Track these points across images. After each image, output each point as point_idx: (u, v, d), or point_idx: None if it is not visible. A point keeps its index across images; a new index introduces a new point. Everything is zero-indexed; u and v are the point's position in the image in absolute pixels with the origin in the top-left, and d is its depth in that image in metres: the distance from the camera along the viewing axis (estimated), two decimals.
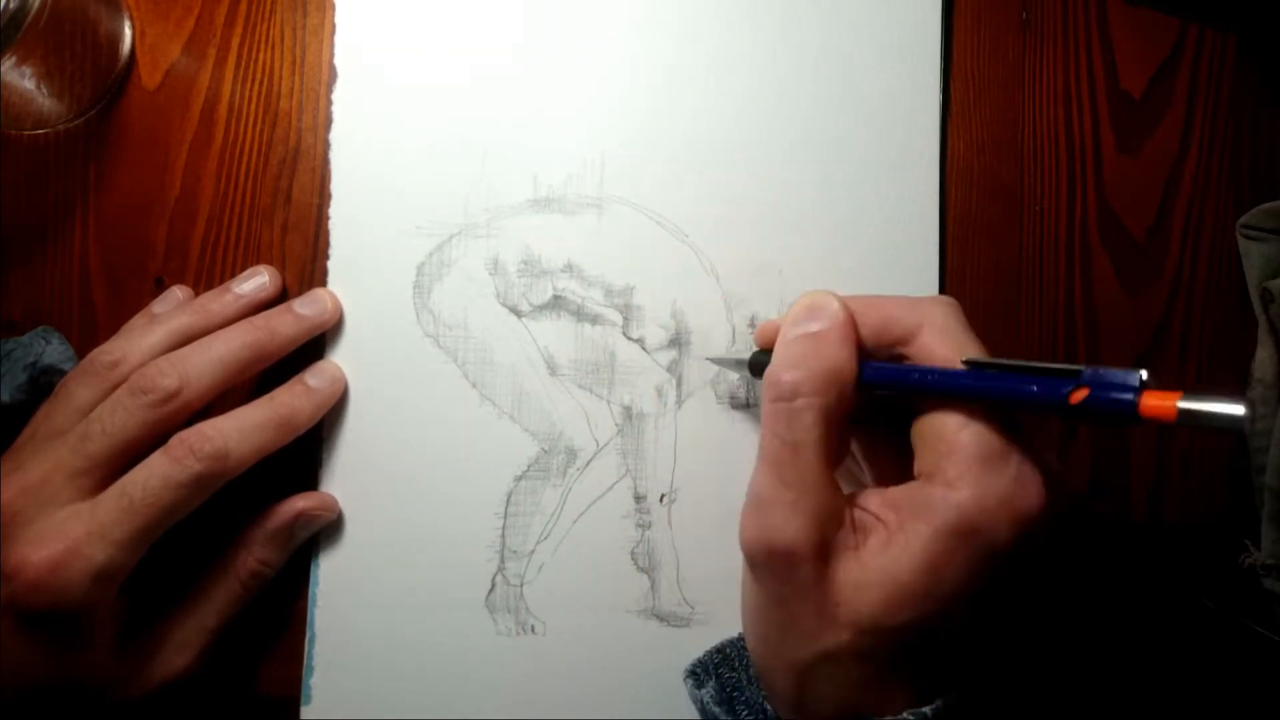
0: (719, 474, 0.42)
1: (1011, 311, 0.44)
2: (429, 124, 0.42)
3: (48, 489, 0.34)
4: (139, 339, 0.38)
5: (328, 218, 0.41)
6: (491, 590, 0.41)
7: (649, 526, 0.42)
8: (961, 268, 0.44)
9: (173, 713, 0.38)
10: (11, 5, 0.35)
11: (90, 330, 0.41)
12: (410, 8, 0.42)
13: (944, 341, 0.31)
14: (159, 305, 0.40)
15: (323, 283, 0.41)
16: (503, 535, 0.41)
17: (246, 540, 0.39)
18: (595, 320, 0.42)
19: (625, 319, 0.42)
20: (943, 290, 0.43)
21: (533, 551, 0.41)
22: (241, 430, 0.36)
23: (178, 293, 0.41)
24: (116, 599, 0.35)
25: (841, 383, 0.31)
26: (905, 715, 0.30)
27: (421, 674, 0.41)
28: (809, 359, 0.32)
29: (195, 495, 0.35)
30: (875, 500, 0.31)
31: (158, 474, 0.34)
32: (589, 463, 0.42)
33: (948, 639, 0.31)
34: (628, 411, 0.42)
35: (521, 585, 0.41)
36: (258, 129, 0.42)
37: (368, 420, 0.41)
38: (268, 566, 0.39)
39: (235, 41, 0.42)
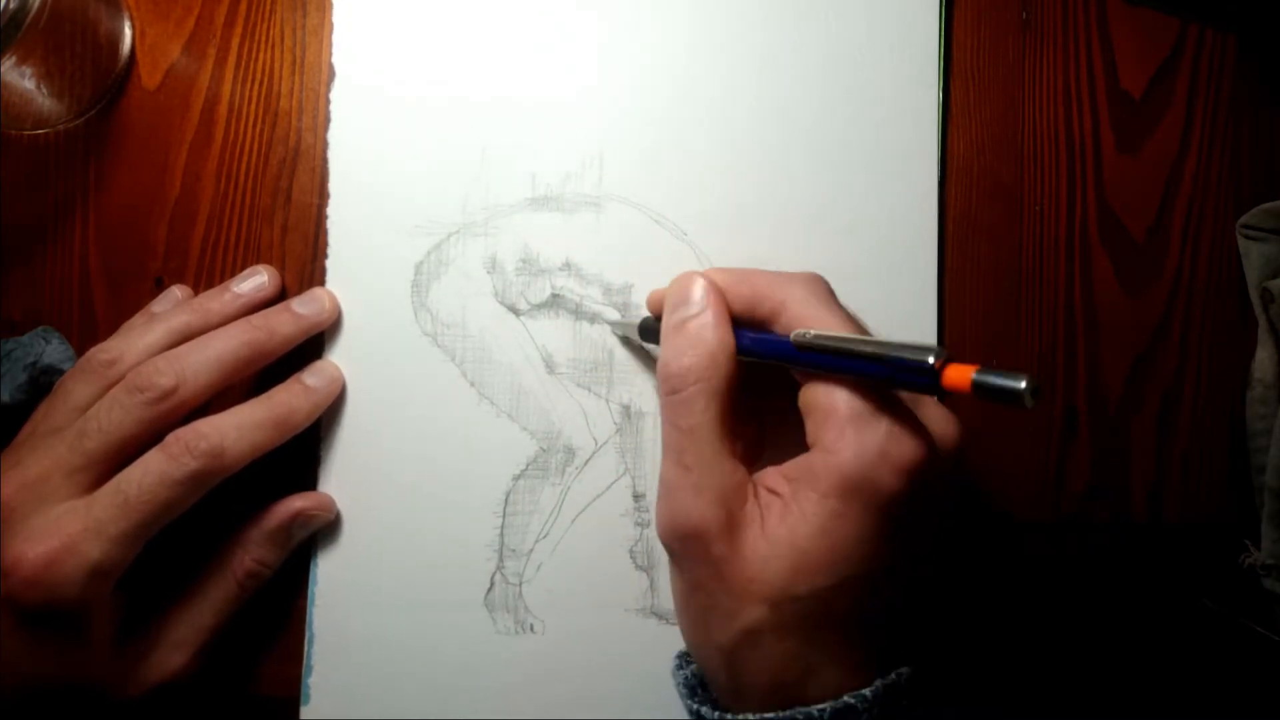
0: None
1: (1011, 311, 0.44)
2: (427, 123, 0.42)
3: (45, 486, 0.34)
4: (137, 338, 0.38)
5: (326, 217, 0.41)
6: (490, 589, 0.41)
7: (648, 525, 0.42)
8: (961, 268, 0.44)
9: (172, 713, 0.38)
10: (11, 5, 0.35)
11: (90, 330, 0.41)
12: (408, 7, 0.42)
13: (805, 316, 0.32)
14: (158, 305, 0.40)
15: (322, 282, 0.41)
16: (501, 534, 0.41)
17: (243, 540, 0.39)
18: (594, 319, 0.42)
19: (624, 317, 0.42)
20: (942, 290, 0.43)
21: (531, 550, 0.41)
22: (239, 428, 0.36)
23: (177, 292, 0.41)
24: (113, 596, 0.35)
25: (723, 360, 0.32)
26: (846, 698, 0.30)
27: (420, 673, 0.41)
28: (689, 346, 0.33)
29: (191, 493, 0.35)
30: (773, 475, 0.32)
31: (154, 471, 0.34)
32: (588, 461, 0.42)
33: (878, 611, 0.31)
34: (626, 410, 0.42)
35: (520, 584, 0.41)
36: (258, 129, 0.42)
37: (366, 419, 0.41)
38: (265, 566, 0.39)
39: (235, 41, 0.42)
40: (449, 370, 0.41)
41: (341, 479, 0.41)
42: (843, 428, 0.30)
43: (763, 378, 0.34)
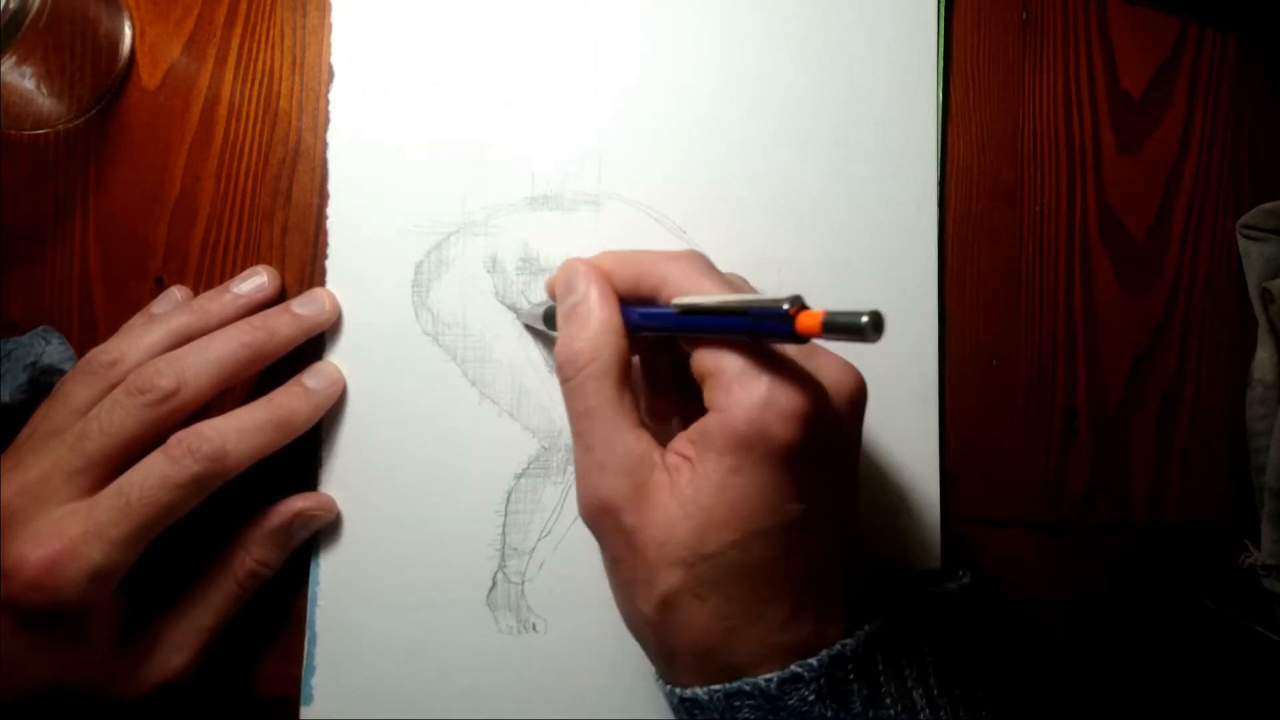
0: None
1: (1011, 311, 0.44)
2: (426, 123, 0.42)
3: (46, 488, 0.34)
4: (137, 339, 0.38)
5: (326, 217, 0.41)
6: (492, 588, 0.41)
7: None
8: (961, 268, 0.44)
9: (172, 713, 0.38)
10: (11, 5, 0.35)
11: (90, 330, 0.41)
12: (407, 7, 0.42)
13: (684, 286, 0.33)
14: (158, 305, 0.40)
15: (322, 282, 0.41)
16: (503, 533, 0.41)
17: (244, 540, 0.39)
18: None
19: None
20: (942, 290, 0.43)
21: (534, 549, 0.41)
22: (240, 431, 0.36)
23: (177, 293, 0.41)
24: (114, 598, 0.35)
25: (609, 340, 0.33)
26: (793, 667, 0.30)
27: (422, 673, 0.41)
28: (577, 333, 0.33)
29: (193, 495, 0.35)
30: (680, 441, 0.32)
31: (155, 474, 0.34)
32: None
33: (797, 564, 0.31)
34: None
35: (523, 583, 0.41)
36: (258, 129, 0.42)
37: (367, 419, 0.41)
38: (265, 566, 0.39)
39: (235, 41, 0.42)
40: (450, 370, 0.41)
41: (343, 479, 0.41)
42: (729, 386, 0.30)
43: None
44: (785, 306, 0.27)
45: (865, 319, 0.25)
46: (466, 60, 0.42)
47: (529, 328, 0.42)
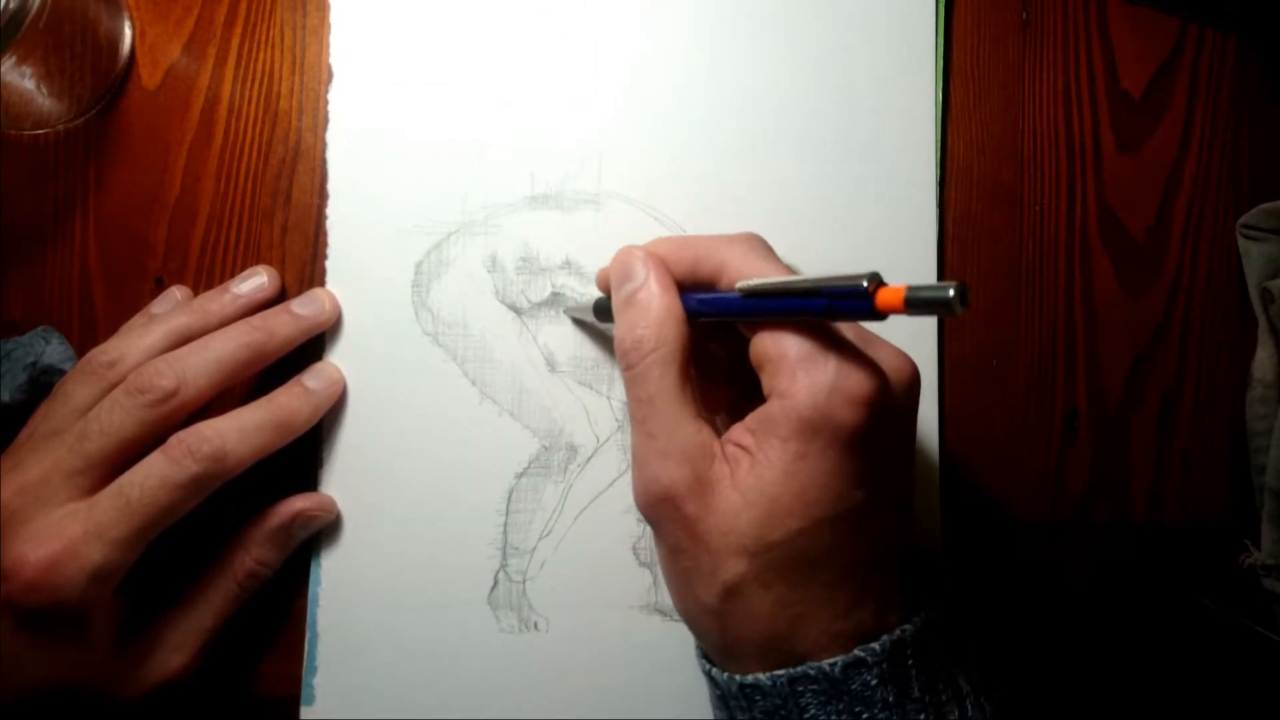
0: None
1: (1011, 311, 0.44)
2: (426, 122, 0.42)
3: (46, 488, 0.34)
4: (137, 339, 0.38)
5: (326, 217, 0.41)
6: (494, 587, 0.41)
7: None
8: (961, 268, 0.44)
9: (173, 712, 0.38)
10: (11, 5, 0.35)
11: (90, 330, 0.41)
12: (407, 6, 0.42)
13: (745, 270, 0.33)
14: (158, 305, 0.40)
15: (322, 282, 0.41)
16: (504, 532, 0.41)
17: (244, 540, 0.39)
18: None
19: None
20: None
21: (535, 548, 0.41)
22: (240, 431, 0.36)
23: (176, 293, 0.41)
24: (114, 598, 0.35)
25: (672, 326, 0.33)
26: (856, 651, 0.30)
27: (424, 672, 0.41)
28: (639, 319, 0.33)
29: (193, 496, 0.35)
30: (738, 431, 0.32)
31: (155, 474, 0.34)
32: (590, 459, 0.42)
33: (861, 550, 0.31)
34: (628, 407, 0.42)
35: (524, 582, 0.41)
36: (258, 129, 0.42)
37: (368, 419, 0.41)
38: (265, 567, 0.39)
39: (235, 41, 0.42)
40: (450, 369, 0.41)
41: (343, 479, 0.41)
42: (793, 371, 0.30)
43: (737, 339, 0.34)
44: (864, 284, 0.27)
45: (952, 291, 0.24)
46: (466, 60, 0.42)
47: (577, 321, 0.42)
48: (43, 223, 0.41)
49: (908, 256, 0.43)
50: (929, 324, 0.43)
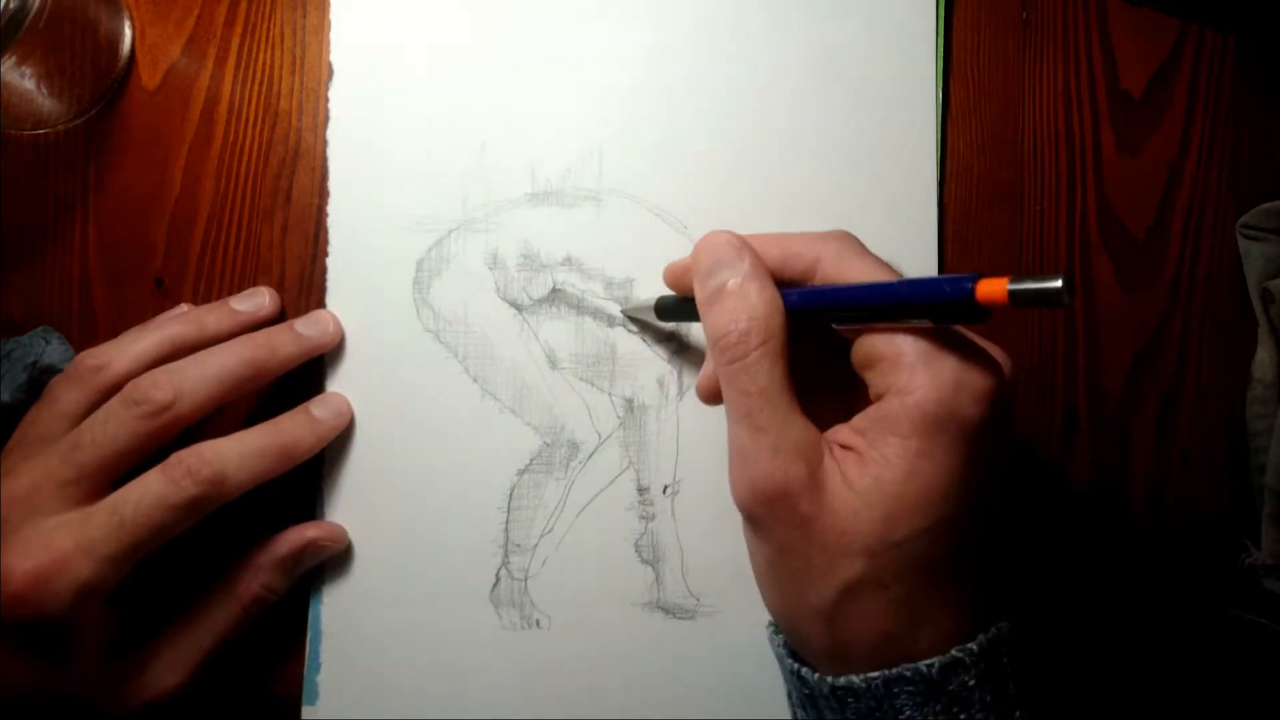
0: (722, 464, 0.41)
1: (1011, 311, 0.44)
2: (426, 119, 0.42)
3: (36, 498, 0.34)
4: (127, 345, 0.37)
5: (326, 216, 0.41)
6: (496, 585, 0.41)
7: (652, 518, 0.42)
8: (961, 268, 0.44)
9: (175, 713, 0.38)
10: (11, 5, 0.35)
11: (90, 330, 0.41)
12: (406, 5, 0.42)
13: (841, 268, 0.32)
14: (160, 317, 0.40)
15: (323, 280, 0.41)
16: (506, 529, 0.41)
17: (252, 565, 0.38)
18: (596, 313, 0.42)
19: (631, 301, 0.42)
20: None
21: (536, 545, 0.41)
22: (242, 455, 0.36)
23: (183, 307, 0.40)
24: (103, 613, 0.35)
25: (778, 319, 0.32)
26: (954, 652, 0.30)
27: (426, 670, 0.41)
28: (742, 309, 0.32)
29: (188, 517, 0.35)
30: (843, 432, 0.31)
31: (152, 493, 0.34)
32: (591, 456, 0.42)
33: (976, 550, 0.31)
34: (629, 404, 0.42)
35: (526, 579, 0.41)
36: (258, 129, 0.42)
37: (369, 417, 0.41)
38: (272, 592, 0.39)
39: (235, 41, 0.42)
40: (452, 367, 0.41)
41: (345, 477, 0.41)
42: (913, 368, 0.29)
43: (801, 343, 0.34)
44: (969, 284, 0.27)
45: (1060, 283, 0.24)
46: (466, 57, 0.42)
47: (634, 319, 0.41)
48: (43, 223, 0.41)
49: (908, 256, 0.43)
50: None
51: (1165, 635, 0.44)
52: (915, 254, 0.43)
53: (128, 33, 0.42)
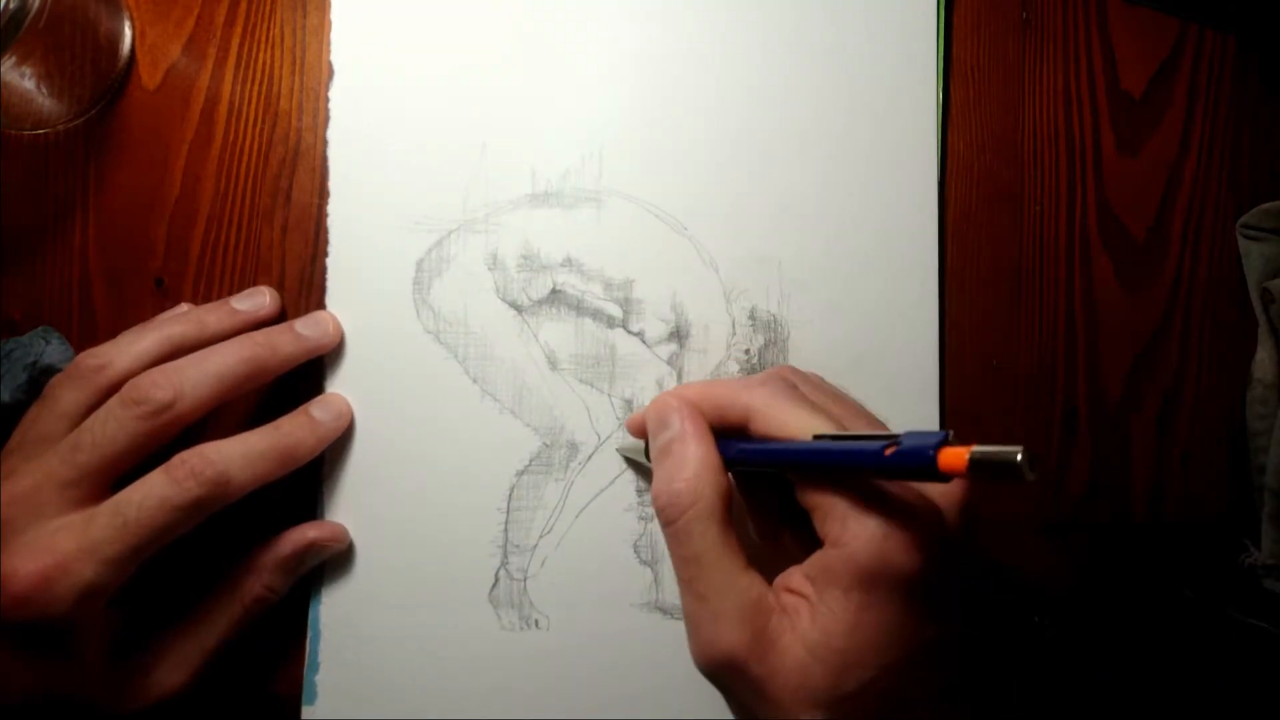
0: None
1: (1011, 311, 0.44)
2: (426, 120, 0.42)
3: (38, 499, 0.34)
4: (127, 344, 0.37)
5: (326, 216, 0.41)
6: (495, 585, 0.41)
7: (651, 519, 0.42)
8: (961, 268, 0.44)
9: (175, 712, 0.38)
10: (11, 5, 0.35)
11: (90, 330, 0.41)
12: (406, 5, 0.42)
13: (773, 420, 0.32)
14: (160, 316, 0.40)
15: (323, 280, 0.41)
16: (505, 530, 0.41)
17: (254, 566, 0.38)
18: (595, 314, 0.42)
19: (625, 312, 0.42)
20: (943, 290, 0.43)
21: (535, 546, 0.41)
22: (245, 457, 0.36)
23: (184, 307, 0.40)
24: (106, 613, 0.35)
25: (710, 478, 0.32)
26: None
27: (425, 670, 0.41)
28: (675, 473, 0.32)
29: (191, 518, 0.34)
30: (795, 577, 0.31)
31: (155, 494, 0.34)
32: (591, 456, 0.42)
33: (931, 688, 0.31)
34: (629, 405, 0.42)
35: (525, 580, 0.41)
36: (258, 129, 0.42)
37: (370, 418, 0.41)
38: (273, 593, 0.39)
39: (235, 41, 0.42)
40: (451, 367, 0.41)
41: (345, 477, 0.41)
42: (844, 519, 0.30)
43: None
44: (931, 450, 0.26)
45: (1019, 456, 0.23)
46: (466, 57, 0.42)
47: (630, 461, 0.42)
48: (43, 223, 0.41)
49: (908, 257, 0.43)
50: (930, 324, 0.43)
51: (1165, 635, 0.44)
52: (915, 254, 0.43)
53: (128, 33, 0.42)
